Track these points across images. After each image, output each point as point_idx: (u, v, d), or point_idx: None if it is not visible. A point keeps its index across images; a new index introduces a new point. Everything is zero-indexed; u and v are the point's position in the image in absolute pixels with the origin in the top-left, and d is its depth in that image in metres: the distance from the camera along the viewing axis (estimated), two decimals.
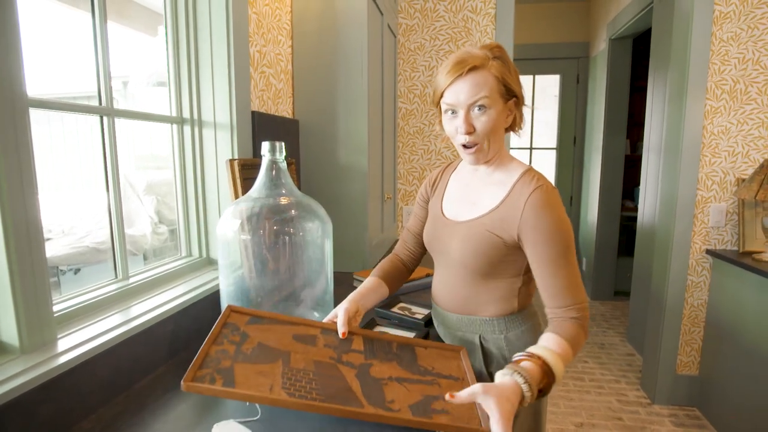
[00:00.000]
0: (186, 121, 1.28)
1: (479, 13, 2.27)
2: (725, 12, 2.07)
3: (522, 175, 0.90)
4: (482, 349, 0.97)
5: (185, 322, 1.07)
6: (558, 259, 0.83)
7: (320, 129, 1.69)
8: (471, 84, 0.84)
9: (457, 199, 0.99)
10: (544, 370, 0.75)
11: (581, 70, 4.21)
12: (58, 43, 2.35)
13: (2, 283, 0.72)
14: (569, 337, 0.80)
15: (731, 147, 2.13)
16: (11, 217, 0.71)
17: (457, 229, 0.94)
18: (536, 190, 0.85)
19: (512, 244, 0.88)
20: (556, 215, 0.84)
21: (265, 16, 1.46)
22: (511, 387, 0.70)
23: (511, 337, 0.95)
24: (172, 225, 3.24)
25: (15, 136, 0.71)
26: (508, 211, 0.88)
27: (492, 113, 0.86)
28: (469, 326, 0.97)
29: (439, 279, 1.03)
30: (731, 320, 2.03)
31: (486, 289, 0.94)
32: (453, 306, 0.99)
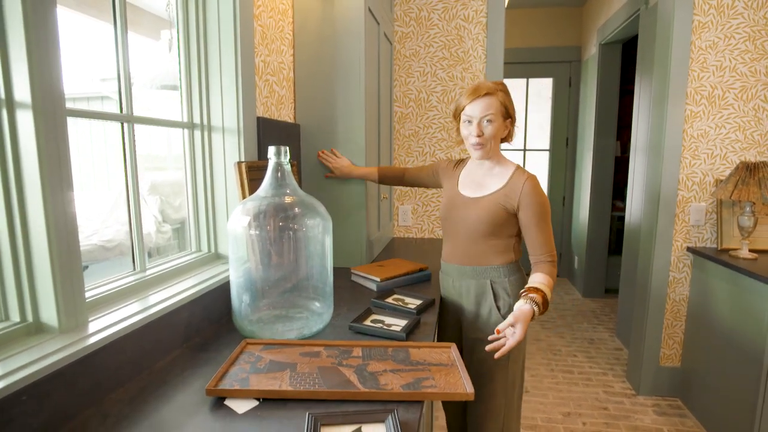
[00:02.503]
0: (196, 126, 1.38)
1: (471, 22, 2.38)
2: (704, 22, 2.18)
3: (516, 169, 1.35)
4: (492, 291, 1.36)
5: (197, 311, 1.17)
6: (540, 222, 1.29)
7: (320, 132, 1.79)
8: (484, 104, 1.27)
9: (468, 184, 1.40)
10: (543, 296, 1.20)
11: (573, 74, 4.33)
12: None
13: (45, 271, 0.82)
14: (550, 274, 1.27)
15: (710, 149, 2.25)
16: (53, 213, 0.81)
17: (473, 203, 1.35)
18: (528, 179, 1.30)
19: (512, 212, 1.31)
20: (542, 195, 1.30)
21: (269, 28, 1.57)
22: (528, 310, 1.16)
23: (512, 280, 1.37)
24: (175, 224, 3.34)
25: (56, 142, 0.82)
26: (510, 191, 1.30)
27: (495, 125, 1.29)
28: (483, 273, 1.37)
29: (454, 244, 1.41)
30: (710, 314, 2.14)
31: (493, 244, 1.35)
32: (470, 260, 1.38)
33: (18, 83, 0.78)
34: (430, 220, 2.55)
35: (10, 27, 0.77)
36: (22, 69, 0.77)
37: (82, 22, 2.55)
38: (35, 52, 0.78)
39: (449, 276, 1.45)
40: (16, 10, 0.76)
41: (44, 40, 0.79)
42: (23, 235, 0.82)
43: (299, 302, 1.20)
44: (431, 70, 2.44)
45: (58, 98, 0.82)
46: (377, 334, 1.13)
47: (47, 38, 0.80)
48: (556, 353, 2.94)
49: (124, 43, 1.12)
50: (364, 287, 1.57)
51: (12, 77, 0.78)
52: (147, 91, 2.65)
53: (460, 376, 0.89)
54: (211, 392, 0.84)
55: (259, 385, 0.86)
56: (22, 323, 0.84)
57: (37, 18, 0.78)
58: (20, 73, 0.78)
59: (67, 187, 0.84)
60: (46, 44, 0.79)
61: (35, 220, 0.81)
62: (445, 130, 2.46)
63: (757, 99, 2.19)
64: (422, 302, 1.34)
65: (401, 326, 1.16)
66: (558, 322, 3.45)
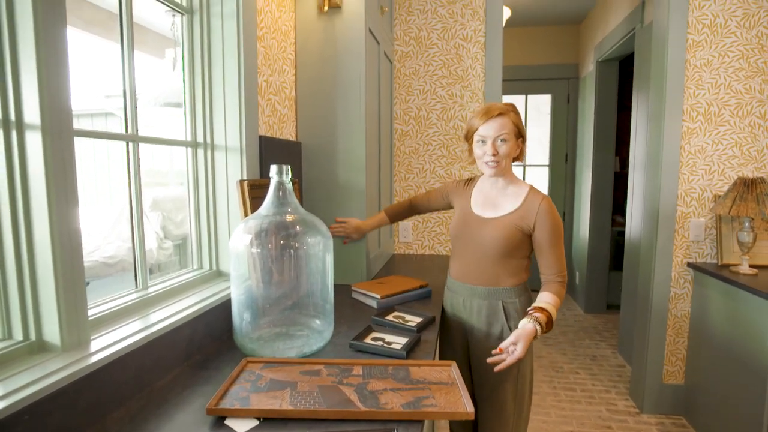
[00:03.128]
0: (200, 145, 1.40)
1: (470, 41, 2.42)
2: (697, 40, 2.22)
3: (530, 189, 1.37)
4: (504, 311, 1.38)
5: (199, 328, 1.17)
6: (554, 242, 1.32)
7: (321, 150, 1.82)
8: (498, 124, 1.30)
9: (481, 203, 1.41)
10: (548, 317, 1.23)
11: (571, 91, 4.39)
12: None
13: (49, 290, 0.83)
14: (558, 294, 1.30)
15: (707, 165, 2.27)
16: (58, 231, 0.83)
17: (487, 222, 1.37)
18: (544, 200, 1.33)
19: (527, 233, 1.33)
20: (557, 216, 1.33)
21: (271, 48, 1.60)
22: (531, 330, 1.19)
23: (523, 300, 1.40)
24: (176, 240, 3.35)
25: (63, 162, 0.83)
26: (526, 212, 1.33)
27: (509, 144, 1.32)
28: (495, 294, 1.39)
29: (466, 262, 1.42)
30: (712, 330, 2.13)
31: (506, 265, 1.37)
32: (482, 281, 1.39)
33: (28, 105, 0.80)
34: (431, 236, 2.56)
35: (22, 49, 0.79)
36: (32, 91, 0.80)
37: (87, 41, 2.61)
38: (45, 73, 0.80)
39: (459, 295, 1.45)
40: (27, 33, 0.79)
41: (54, 62, 0.82)
42: (29, 254, 0.83)
43: (300, 320, 1.20)
44: (431, 88, 2.47)
45: (66, 119, 0.84)
46: (378, 352, 1.13)
47: (57, 60, 0.82)
48: (558, 370, 2.91)
49: (131, 63, 1.15)
50: (364, 304, 1.57)
51: (22, 99, 0.80)
52: (151, 108, 2.69)
53: (460, 395, 0.89)
54: (212, 411, 0.84)
55: (260, 404, 0.86)
56: (24, 342, 0.85)
57: (48, 39, 0.80)
58: (30, 94, 0.80)
59: (73, 207, 0.86)
60: (56, 66, 0.82)
61: (41, 239, 0.83)
62: (444, 147, 2.48)
63: (753, 116, 2.22)
64: (423, 320, 1.34)
65: (401, 344, 1.16)
66: (560, 339, 3.43)
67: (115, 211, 3.62)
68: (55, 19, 0.82)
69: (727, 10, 2.19)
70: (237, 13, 1.36)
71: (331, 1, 1.72)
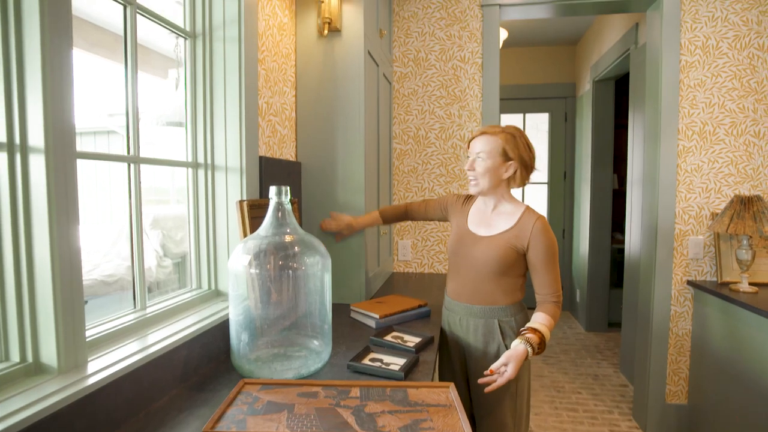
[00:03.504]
0: (200, 166, 1.42)
1: (467, 62, 2.47)
2: (690, 61, 2.26)
3: (525, 209, 1.37)
4: (500, 330, 1.38)
5: (196, 349, 1.17)
6: (548, 262, 1.32)
7: (320, 170, 1.83)
8: (479, 142, 1.36)
9: (477, 222, 1.43)
10: (540, 338, 1.23)
11: (569, 109, 4.44)
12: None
13: (48, 311, 0.83)
14: (552, 314, 1.29)
15: (704, 183, 2.29)
16: (58, 253, 0.83)
17: (482, 241, 1.38)
18: (538, 219, 1.33)
19: (521, 252, 1.34)
20: (551, 236, 1.33)
21: (272, 71, 1.63)
22: (522, 351, 1.19)
23: (519, 319, 1.39)
24: (176, 258, 3.35)
25: (65, 184, 0.85)
26: (520, 231, 1.33)
27: (487, 162, 1.34)
28: (491, 313, 1.39)
29: (462, 281, 1.43)
30: (714, 349, 2.11)
31: (501, 283, 1.37)
32: (478, 299, 1.40)
33: (32, 128, 0.82)
34: (430, 254, 2.56)
35: (29, 73, 0.81)
36: (37, 113, 0.82)
37: (92, 61, 2.66)
38: (50, 97, 0.82)
39: (455, 314, 1.46)
40: (34, 56, 0.81)
41: (59, 86, 0.84)
42: (28, 276, 0.84)
43: (298, 340, 1.20)
44: (429, 108, 2.51)
45: (70, 141, 0.86)
46: (375, 373, 1.12)
47: (62, 84, 0.84)
48: (560, 390, 2.87)
49: (134, 86, 1.17)
50: (363, 324, 1.57)
51: (27, 122, 0.82)
52: (154, 127, 2.73)
53: (458, 417, 0.89)
54: None
55: (256, 427, 0.85)
56: (21, 363, 0.85)
57: (54, 64, 0.83)
58: (35, 117, 0.82)
59: (74, 228, 0.87)
60: (61, 89, 0.84)
61: (41, 260, 0.83)
62: (443, 166, 2.51)
63: (747, 134, 2.24)
64: (421, 340, 1.34)
65: (400, 365, 1.15)
66: (561, 358, 3.39)
67: (116, 229, 3.63)
68: (61, 43, 0.84)
69: (718, 32, 2.24)
70: (239, 38, 1.40)
71: (331, 25, 1.76)
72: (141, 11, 1.19)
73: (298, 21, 1.82)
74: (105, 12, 2.67)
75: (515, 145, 1.34)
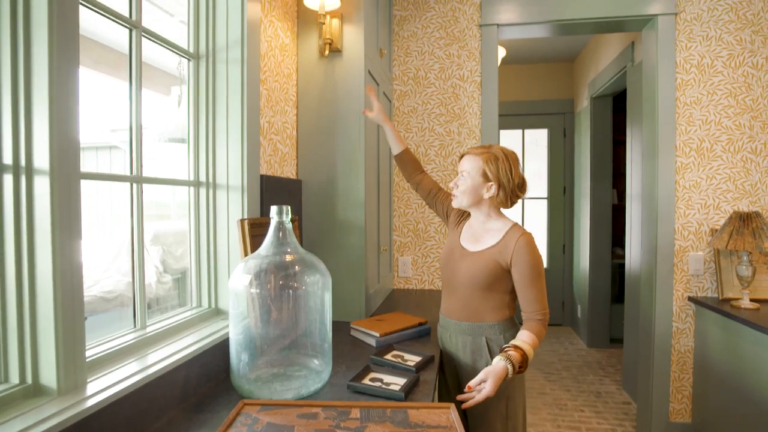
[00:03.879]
0: (202, 184, 1.43)
1: (466, 81, 2.51)
2: (686, 79, 2.30)
3: (512, 226, 1.39)
4: (488, 348, 1.37)
5: (195, 369, 1.17)
6: (532, 279, 1.31)
7: (321, 187, 1.85)
8: (465, 161, 1.40)
9: (468, 237, 1.45)
10: (523, 356, 1.21)
11: (567, 125, 4.48)
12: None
13: (49, 332, 0.84)
14: (537, 333, 1.28)
15: (703, 200, 2.30)
16: (60, 274, 0.84)
17: (470, 255, 1.40)
18: (522, 236, 1.34)
19: (505, 268, 1.34)
20: (534, 253, 1.32)
21: (274, 90, 1.66)
22: (502, 368, 1.17)
23: (507, 337, 1.38)
24: (176, 274, 3.34)
25: (69, 203, 0.86)
26: (504, 248, 1.34)
27: (467, 181, 1.38)
28: (479, 331, 1.39)
29: (452, 297, 1.44)
30: (716, 366, 2.10)
31: (488, 299, 1.38)
32: (466, 316, 1.40)
33: (38, 150, 0.83)
34: (430, 271, 2.56)
35: (36, 95, 0.83)
36: (43, 137, 0.83)
37: (93, 78, 2.69)
38: (57, 118, 0.83)
39: (447, 330, 1.46)
40: (42, 79, 0.83)
41: (65, 107, 0.85)
42: (30, 297, 0.84)
43: (298, 360, 1.19)
44: (429, 126, 2.54)
45: (74, 163, 0.87)
46: (376, 393, 1.12)
47: (68, 105, 0.86)
48: (562, 408, 2.84)
49: (138, 106, 1.19)
50: (363, 342, 1.56)
51: (33, 145, 0.83)
52: (156, 143, 2.75)
53: None
54: None
55: None
56: (21, 385, 0.84)
57: (61, 87, 0.84)
58: (41, 140, 0.83)
59: (76, 250, 0.88)
60: (66, 110, 0.86)
61: (43, 281, 0.84)
62: (443, 182, 2.52)
63: (744, 151, 2.26)
64: (421, 359, 1.33)
65: (400, 385, 1.15)
66: (563, 374, 3.36)
67: (116, 244, 3.63)
68: (68, 66, 0.86)
69: (712, 51, 2.28)
70: (242, 59, 1.42)
71: (332, 45, 1.79)
72: (146, 34, 1.22)
73: (300, 42, 1.86)
74: (108, 30, 2.72)
75: (496, 167, 1.35)
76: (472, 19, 2.48)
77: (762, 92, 2.24)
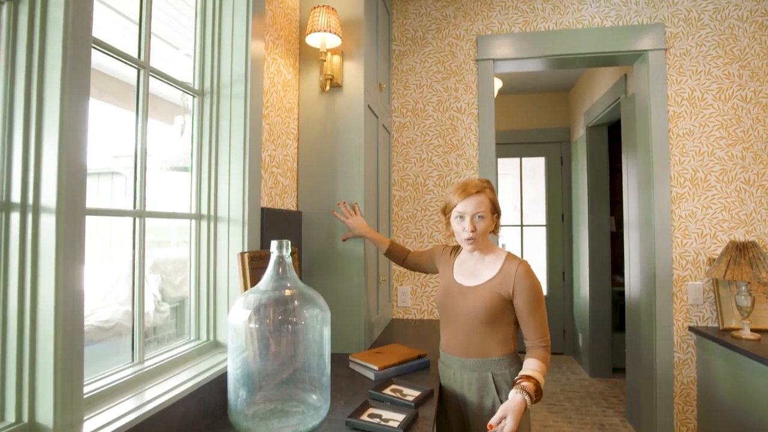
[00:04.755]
0: (203, 217, 1.45)
1: (464, 113, 2.57)
2: (678, 112, 2.36)
3: (507, 256, 1.40)
4: (494, 383, 1.36)
5: (192, 405, 1.16)
6: (534, 307, 1.32)
7: (321, 219, 1.87)
8: (476, 201, 1.36)
9: (462, 273, 1.45)
10: (536, 384, 1.23)
11: (564, 153, 4.55)
12: None
13: (48, 371, 0.84)
14: (543, 359, 1.29)
15: (699, 229, 2.32)
16: (62, 310, 0.85)
17: (469, 291, 1.39)
18: (521, 264, 1.35)
19: (507, 299, 1.34)
20: (535, 280, 1.35)
21: (276, 125, 1.70)
22: (519, 401, 1.18)
23: (513, 371, 1.37)
24: (174, 303, 3.33)
25: (74, 235, 0.87)
26: (505, 278, 1.35)
27: (486, 221, 1.38)
28: (484, 366, 1.38)
29: (453, 333, 1.43)
30: (720, 398, 2.07)
31: (492, 333, 1.36)
32: (470, 352, 1.39)
33: (46, 187, 0.85)
34: (429, 300, 2.55)
35: (47, 133, 0.86)
36: (51, 174, 0.85)
37: (97, 107, 2.75)
38: (65, 155, 0.86)
39: (450, 368, 1.45)
40: (53, 115, 0.85)
41: (74, 144, 0.88)
42: (31, 335, 0.85)
43: (296, 395, 1.18)
44: (427, 156, 2.58)
45: (80, 199, 0.89)
46: (374, 430, 1.11)
47: (77, 144, 0.88)
48: None
49: (144, 140, 1.22)
50: (362, 375, 1.55)
51: (42, 182, 0.86)
52: (158, 172, 2.79)
53: None
54: None
55: None
56: (17, 424, 0.84)
57: (71, 120, 0.87)
58: (49, 177, 0.85)
59: (78, 286, 0.89)
60: (75, 148, 0.88)
61: (44, 318, 0.84)
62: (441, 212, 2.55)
63: (738, 181, 2.30)
64: (420, 394, 1.32)
65: (399, 421, 1.14)
66: (565, 405, 3.30)
67: (115, 272, 3.63)
68: (78, 107, 0.89)
69: (702, 85, 2.35)
70: (245, 95, 1.47)
71: (332, 81, 1.85)
72: (153, 74, 1.27)
73: (302, 77, 1.92)
74: (110, 60, 2.80)
75: (496, 196, 1.42)
76: (469, 53, 2.57)
77: (752, 124, 2.30)
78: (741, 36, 2.33)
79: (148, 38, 1.25)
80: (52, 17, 0.86)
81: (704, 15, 2.37)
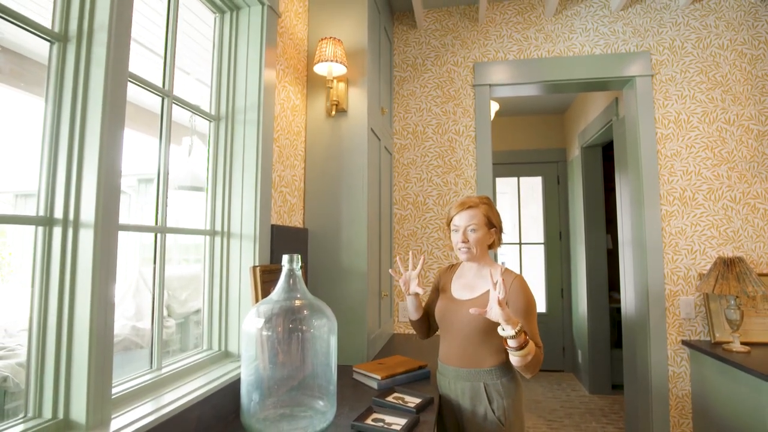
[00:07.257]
0: (217, 233, 1.55)
1: (462, 135, 2.69)
2: (666, 134, 2.48)
3: (504, 270, 1.47)
4: (486, 393, 1.42)
5: (207, 409, 1.23)
6: (527, 317, 1.38)
7: (326, 236, 1.97)
8: (468, 215, 1.48)
9: (460, 288, 1.54)
10: (526, 337, 1.27)
11: (560, 173, 4.67)
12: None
13: (82, 369, 0.92)
14: (536, 347, 1.34)
15: (689, 245, 2.41)
16: (97, 315, 0.94)
17: (465, 304, 1.46)
18: (516, 278, 1.44)
19: None
20: (529, 293, 1.43)
21: (285, 147, 1.82)
22: (514, 321, 1.25)
23: (504, 381, 1.44)
24: (179, 319, 3.39)
25: (108, 251, 0.97)
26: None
27: (478, 234, 1.47)
28: (477, 376, 1.44)
29: (450, 344, 1.50)
30: (715, 410, 2.12)
31: (487, 343, 1.43)
32: (464, 362, 1.46)
33: (85, 204, 0.95)
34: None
35: (87, 158, 0.96)
36: (90, 193, 0.95)
37: None
38: (104, 176, 0.96)
39: (445, 377, 1.52)
40: (94, 141, 0.96)
41: (111, 168, 0.98)
42: (68, 335, 0.93)
43: (304, 401, 1.26)
44: (427, 177, 2.69)
45: (114, 216, 0.99)
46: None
47: (113, 166, 0.99)
48: None
49: (166, 160, 1.33)
50: (365, 385, 1.62)
51: (81, 200, 0.96)
52: (169, 191, 2.89)
53: None
54: None
55: None
56: (53, 420, 0.92)
57: (110, 142, 0.98)
58: (89, 195, 0.95)
59: (111, 293, 0.98)
60: (112, 170, 0.98)
61: (81, 323, 0.93)
62: (440, 230, 2.64)
63: (724, 200, 2.40)
64: (421, 401, 1.39)
65: (401, 425, 1.21)
66: (565, 422, 3.33)
67: (123, 288, 3.70)
68: (115, 132, 1.00)
69: (688, 108, 2.47)
70: (258, 121, 1.59)
71: (338, 106, 1.97)
72: (176, 102, 1.38)
73: (309, 103, 2.04)
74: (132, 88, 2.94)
75: (493, 213, 1.51)
76: (466, 79, 2.71)
77: (736, 145, 2.41)
78: (722, 63, 2.47)
79: (172, 69, 1.37)
80: (95, 56, 0.98)
81: (687, 44, 2.51)
